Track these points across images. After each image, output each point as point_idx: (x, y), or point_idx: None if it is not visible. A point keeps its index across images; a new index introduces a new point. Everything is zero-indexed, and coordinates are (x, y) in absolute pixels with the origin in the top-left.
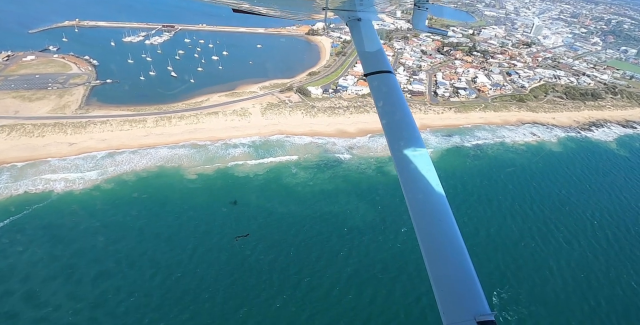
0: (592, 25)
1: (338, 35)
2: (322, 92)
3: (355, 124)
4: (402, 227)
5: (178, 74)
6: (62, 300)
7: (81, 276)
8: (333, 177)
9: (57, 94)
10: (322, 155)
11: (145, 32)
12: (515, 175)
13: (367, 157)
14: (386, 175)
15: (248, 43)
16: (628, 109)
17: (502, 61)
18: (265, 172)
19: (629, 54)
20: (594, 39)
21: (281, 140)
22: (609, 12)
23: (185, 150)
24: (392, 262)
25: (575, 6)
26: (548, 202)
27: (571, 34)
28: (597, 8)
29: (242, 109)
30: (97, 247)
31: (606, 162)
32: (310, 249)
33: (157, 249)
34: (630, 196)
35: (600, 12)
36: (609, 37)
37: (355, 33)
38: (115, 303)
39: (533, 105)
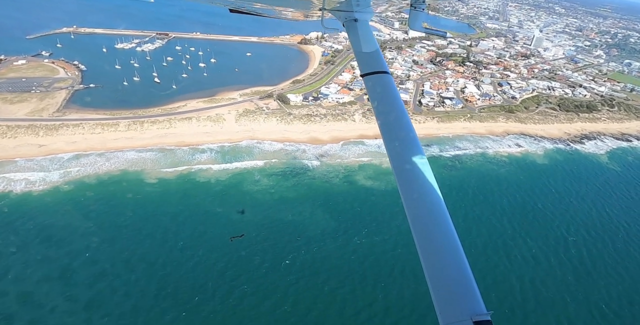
0: (597, 38)
1: (330, 45)
2: (301, 100)
3: (330, 132)
4: (355, 237)
5: (162, 80)
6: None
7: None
8: (296, 184)
9: (39, 97)
10: (290, 162)
11: (138, 39)
12: (490, 186)
13: (336, 165)
14: (352, 184)
15: (238, 51)
16: (625, 122)
17: (495, 72)
18: (227, 177)
19: (632, 67)
20: (597, 51)
21: (251, 147)
22: (617, 26)
23: (152, 154)
24: (338, 272)
25: (582, 20)
26: (519, 215)
27: (574, 46)
28: (605, 22)
29: (217, 115)
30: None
31: (593, 175)
32: (253, 257)
33: (98, 252)
34: (614, 211)
35: (607, 26)
36: (612, 50)
37: (352, 33)
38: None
39: (522, 116)
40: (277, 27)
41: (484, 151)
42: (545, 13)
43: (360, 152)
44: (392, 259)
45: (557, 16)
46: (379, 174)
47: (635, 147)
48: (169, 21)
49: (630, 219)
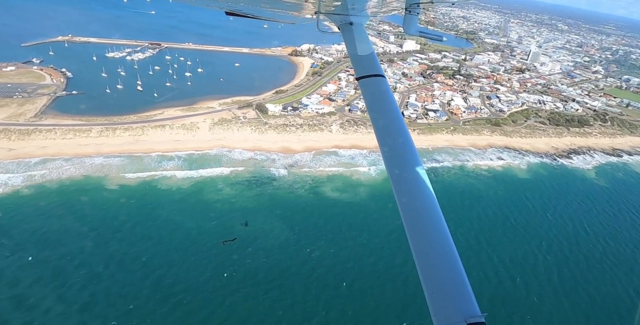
0: (597, 54)
1: (320, 56)
2: (280, 110)
3: (303, 142)
4: (307, 248)
5: (144, 88)
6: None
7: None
8: (259, 194)
9: (20, 102)
10: (257, 171)
11: (130, 48)
12: (462, 200)
13: (304, 175)
14: (317, 195)
15: (228, 62)
16: (617, 137)
17: (485, 85)
18: (189, 186)
19: (631, 82)
20: (596, 67)
21: (219, 155)
22: (620, 43)
23: (119, 160)
24: (282, 283)
25: (584, 37)
26: (488, 231)
27: (572, 62)
28: (608, 39)
29: (191, 123)
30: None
31: (577, 190)
32: (197, 266)
33: (42, 256)
34: (593, 228)
35: (610, 43)
36: (611, 66)
37: (347, 37)
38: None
39: (509, 129)
40: (270, 38)
41: (462, 164)
42: (547, 30)
43: (332, 163)
44: (342, 272)
45: (559, 33)
46: (347, 185)
47: (626, 163)
48: (164, 32)
49: (610, 236)
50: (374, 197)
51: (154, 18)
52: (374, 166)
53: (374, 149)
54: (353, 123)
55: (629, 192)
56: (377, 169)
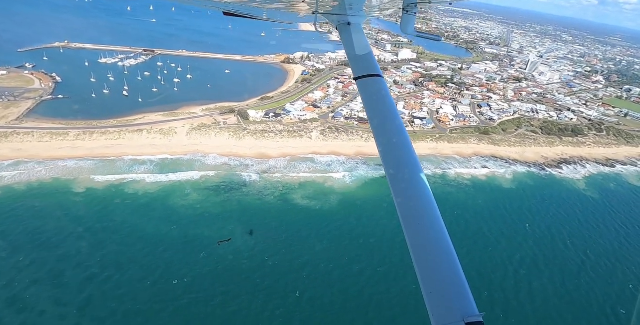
0: (600, 64)
1: (312, 64)
2: (262, 116)
3: (280, 148)
4: (265, 256)
5: (131, 94)
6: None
7: None
8: (226, 200)
9: (4, 105)
10: (228, 177)
11: (124, 55)
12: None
13: (276, 182)
14: (285, 202)
15: (219, 68)
16: (612, 147)
17: (477, 93)
18: (157, 190)
19: (632, 92)
20: (597, 77)
21: (193, 160)
22: (625, 54)
23: (91, 163)
24: (227, 289)
25: (588, 48)
26: (459, 241)
27: (573, 72)
28: (613, 50)
29: (170, 128)
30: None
31: (563, 202)
32: (143, 273)
33: None
34: (574, 241)
35: (614, 53)
36: (613, 76)
37: (345, 37)
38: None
39: (497, 138)
40: (265, 47)
41: (444, 172)
42: (551, 40)
43: (307, 170)
44: (296, 281)
45: (563, 43)
46: (318, 192)
47: (619, 174)
48: (160, 39)
49: (591, 248)
50: (343, 205)
51: (153, 26)
52: (349, 173)
53: (352, 156)
54: (334, 130)
55: (620, 203)
56: (352, 176)
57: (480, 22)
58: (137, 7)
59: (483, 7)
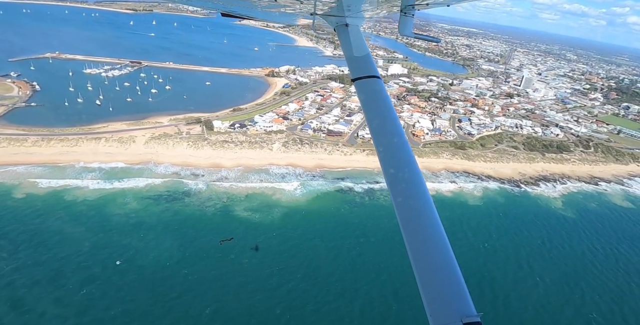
0: (600, 82)
1: (296, 77)
2: (227, 127)
3: (237, 159)
4: (185, 269)
5: (104, 103)
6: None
7: None
8: (164, 210)
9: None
10: (174, 186)
11: (110, 66)
12: (384, 227)
13: (222, 193)
14: (226, 214)
15: (201, 80)
16: (599, 165)
17: (460, 108)
18: (96, 198)
19: (630, 110)
20: (595, 94)
21: (143, 169)
22: (630, 73)
23: (40, 169)
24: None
25: (592, 66)
26: (394, 264)
27: (570, 89)
28: (618, 69)
29: (130, 136)
30: None
31: (533, 221)
32: (59, 279)
33: None
34: (532, 264)
35: (618, 72)
36: (612, 93)
37: (343, 38)
38: None
39: (473, 153)
40: (255, 60)
41: None
42: (554, 59)
43: (257, 181)
44: (211, 297)
45: (566, 62)
46: (262, 205)
47: (602, 193)
48: (151, 51)
49: (549, 272)
50: (285, 218)
51: (150, 39)
52: (302, 186)
53: (310, 169)
54: (298, 142)
55: (596, 223)
56: (304, 189)
57: (484, 40)
58: (140, 21)
59: (490, 27)
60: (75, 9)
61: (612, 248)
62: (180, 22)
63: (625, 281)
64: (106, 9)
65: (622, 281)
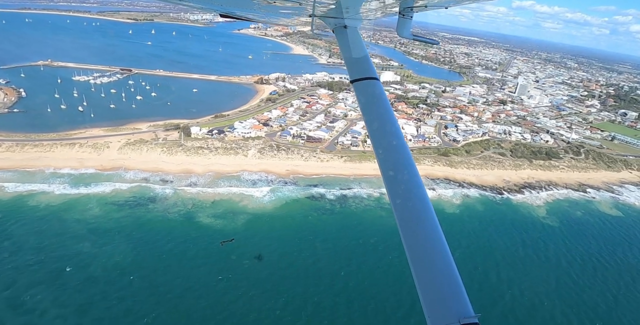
0: (598, 89)
1: (284, 85)
2: (204, 133)
3: (209, 165)
4: (131, 276)
5: (86, 109)
6: None
7: None
8: (126, 216)
9: None
10: (141, 192)
11: (99, 73)
12: (354, 235)
13: (189, 199)
14: (188, 220)
15: (188, 87)
16: (590, 171)
17: (448, 114)
18: (60, 203)
19: (627, 117)
20: (592, 101)
21: (112, 175)
22: (631, 80)
23: (10, 174)
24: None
25: (593, 74)
26: (355, 275)
27: (567, 95)
28: (619, 77)
29: (105, 142)
30: None
31: (510, 230)
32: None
33: None
34: (501, 276)
35: (619, 80)
36: (609, 100)
37: (341, 40)
38: None
39: (457, 160)
40: (244, 67)
41: (381, 195)
42: (554, 66)
43: (227, 187)
44: (152, 297)
45: (566, 70)
46: (227, 211)
47: (590, 200)
48: (144, 59)
49: (523, 285)
50: (248, 225)
51: (146, 47)
52: (271, 192)
53: (283, 175)
54: (275, 148)
55: (580, 232)
56: (273, 195)
57: (484, 49)
58: (139, 31)
59: (492, 36)
60: (78, 18)
61: (591, 258)
62: (179, 31)
63: (600, 290)
64: (108, 19)
65: (598, 291)
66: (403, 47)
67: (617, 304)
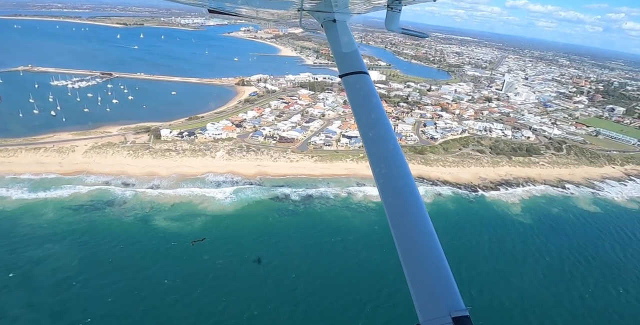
0: (588, 85)
1: (265, 86)
2: (175, 135)
3: (175, 168)
4: (73, 281)
5: (58, 114)
6: None
7: None
8: (80, 221)
9: None
10: (100, 196)
11: (79, 77)
12: (314, 234)
13: (148, 202)
14: (143, 224)
15: (167, 90)
16: (570, 167)
17: (428, 112)
18: (15, 208)
19: (615, 112)
20: (580, 97)
21: (74, 179)
22: (622, 76)
23: None
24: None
25: (584, 71)
26: (314, 277)
27: (556, 92)
28: (610, 73)
29: (71, 146)
30: None
31: (479, 228)
32: None
33: None
34: (461, 280)
35: (610, 76)
36: (597, 96)
37: (330, 34)
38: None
39: (432, 158)
40: (229, 69)
41: (349, 195)
42: (545, 64)
43: (189, 190)
44: (86, 301)
45: (557, 67)
46: (186, 214)
47: (568, 197)
48: (127, 63)
49: (484, 288)
50: (203, 228)
51: (131, 51)
52: (235, 194)
53: (250, 176)
54: (244, 149)
55: (553, 229)
56: (236, 197)
57: (476, 48)
58: (128, 35)
59: (486, 35)
60: (67, 24)
61: (561, 255)
62: (168, 35)
63: (565, 287)
64: (98, 24)
65: (563, 288)
66: (393, 47)
67: (584, 304)
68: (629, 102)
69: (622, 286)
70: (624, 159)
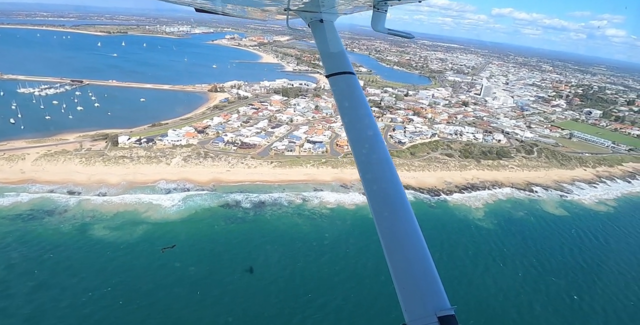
0: (567, 89)
1: (237, 92)
2: (132, 142)
3: (126, 175)
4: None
5: (18, 121)
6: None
7: None
8: (15, 230)
9: None
10: (41, 204)
11: (48, 85)
12: (249, 243)
13: (90, 211)
14: (83, 233)
15: (136, 97)
16: (540, 170)
17: (399, 117)
18: None
19: (592, 115)
20: (558, 101)
21: (18, 188)
22: (604, 81)
23: None
24: None
25: (566, 76)
26: (238, 283)
27: (535, 96)
28: (592, 78)
29: (21, 154)
30: None
31: (442, 233)
32: None
33: None
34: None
35: (591, 81)
36: (575, 99)
37: (317, 34)
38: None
39: (398, 162)
40: (204, 76)
41: (304, 201)
42: (527, 70)
43: (136, 197)
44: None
45: (539, 72)
46: (127, 222)
47: (535, 200)
48: (100, 70)
49: None
50: (145, 236)
51: (109, 59)
52: (183, 202)
53: (203, 184)
54: (202, 155)
55: (514, 234)
56: (184, 204)
57: (461, 54)
58: (109, 43)
59: (473, 42)
60: (49, 32)
61: (515, 261)
62: (150, 43)
63: (516, 293)
64: (81, 32)
65: (512, 296)
66: (377, 54)
67: (532, 314)
68: (607, 105)
69: (576, 293)
70: (596, 161)
